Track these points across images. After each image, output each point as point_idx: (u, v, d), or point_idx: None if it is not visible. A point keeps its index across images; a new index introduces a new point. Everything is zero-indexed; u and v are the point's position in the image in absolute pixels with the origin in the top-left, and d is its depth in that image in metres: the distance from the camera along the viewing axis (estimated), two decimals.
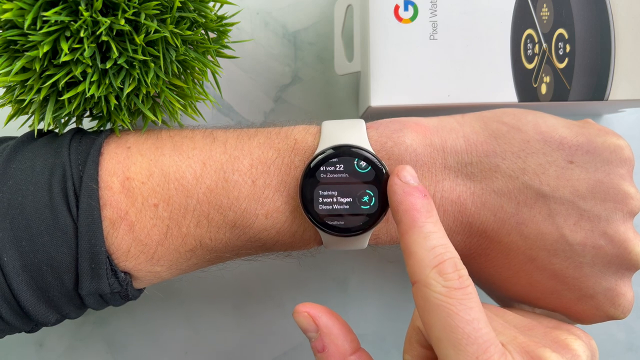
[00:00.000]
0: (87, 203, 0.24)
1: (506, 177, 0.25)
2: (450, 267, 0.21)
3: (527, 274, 0.26)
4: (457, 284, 0.20)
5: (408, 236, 0.22)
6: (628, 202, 0.25)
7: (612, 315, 0.26)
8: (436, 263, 0.21)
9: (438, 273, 0.21)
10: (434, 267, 0.21)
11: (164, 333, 0.38)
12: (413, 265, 0.21)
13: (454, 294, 0.20)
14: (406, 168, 0.24)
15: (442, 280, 0.20)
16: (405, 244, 0.22)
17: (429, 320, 0.20)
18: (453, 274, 0.21)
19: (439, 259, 0.21)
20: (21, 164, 0.25)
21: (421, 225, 0.22)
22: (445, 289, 0.20)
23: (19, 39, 0.23)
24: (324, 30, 0.38)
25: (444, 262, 0.21)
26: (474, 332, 0.20)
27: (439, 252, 0.21)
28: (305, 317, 0.24)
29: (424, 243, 0.21)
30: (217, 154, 0.26)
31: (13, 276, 0.24)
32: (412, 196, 0.23)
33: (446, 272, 0.21)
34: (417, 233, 0.22)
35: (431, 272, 0.21)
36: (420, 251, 0.21)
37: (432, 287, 0.20)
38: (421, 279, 0.21)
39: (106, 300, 0.26)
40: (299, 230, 0.26)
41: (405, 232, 0.22)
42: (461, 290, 0.20)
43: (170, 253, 0.26)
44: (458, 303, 0.20)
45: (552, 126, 0.26)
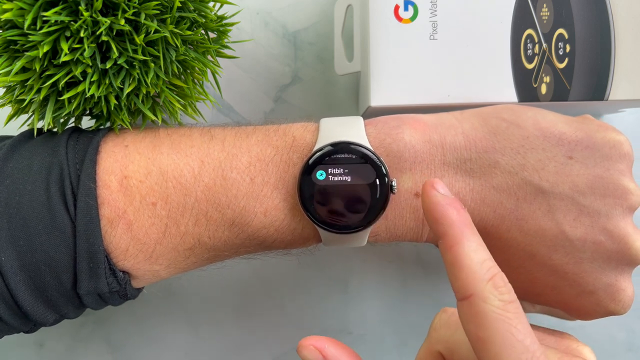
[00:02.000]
0: (85, 202, 0.24)
1: (505, 173, 0.25)
2: (501, 281, 0.20)
3: (527, 270, 0.26)
4: (510, 298, 0.20)
5: (456, 249, 0.21)
6: (628, 197, 0.25)
7: (612, 310, 0.26)
8: (489, 276, 0.20)
9: (493, 287, 0.20)
10: (488, 281, 0.20)
11: (164, 333, 0.38)
12: (465, 279, 0.20)
13: (509, 307, 0.20)
14: (438, 180, 0.23)
15: (497, 294, 0.20)
16: (454, 257, 0.21)
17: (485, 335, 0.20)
18: (505, 287, 0.20)
19: (491, 272, 0.20)
20: (18, 163, 0.25)
21: (469, 238, 0.21)
22: (502, 303, 0.20)
23: (19, 39, 0.23)
24: (324, 30, 0.38)
25: (496, 275, 0.20)
26: (532, 345, 0.19)
27: (489, 266, 0.21)
28: (311, 350, 0.23)
29: (474, 256, 0.21)
30: (215, 151, 0.26)
31: (11, 276, 0.24)
32: (455, 208, 0.22)
33: (499, 285, 0.20)
34: (467, 246, 0.21)
35: (487, 286, 0.20)
36: (473, 264, 0.21)
37: (490, 301, 0.20)
38: (477, 292, 0.20)
39: (105, 300, 0.26)
40: (298, 228, 0.26)
41: (454, 244, 0.21)
42: (514, 304, 0.20)
43: (169, 252, 0.26)
44: (514, 317, 0.19)
45: (551, 122, 0.26)
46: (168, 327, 0.38)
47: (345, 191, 0.25)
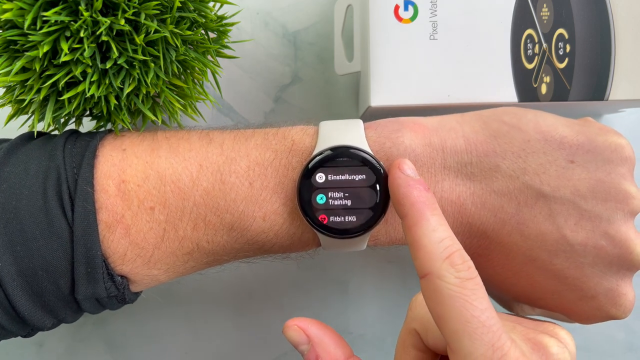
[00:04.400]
0: (83, 207, 0.24)
1: (506, 177, 0.25)
2: (459, 259, 0.21)
3: (527, 274, 0.26)
4: (468, 275, 0.20)
5: (416, 229, 0.22)
6: (629, 201, 0.25)
7: (613, 315, 0.26)
8: (446, 255, 0.21)
9: (450, 264, 0.21)
10: (445, 259, 0.21)
11: (164, 333, 0.38)
12: (422, 258, 0.21)
13: (466, 284, 0.20)
14: (406, 161, 0.24)
15: (454, 271, 0.20)
16: (413, 237, 0.22)
17: (443, 312, 0.20)
18: (463, 264, 0.21)
19: (448, 250, 0.21)
20: (15, 167, 0.25)
21: (428, 218, 0.22)
22: (458, 280, 0.20)
23: (19, 39, 0.23)
24: (324, 30, 0.38)
25: (453, 253, 0.21)
26: (488, 320, 0.20)
27: (448, 244, 0.21)
28: (295, 329, 0.24)
29: (432, 235, 0.21)
30: (214, 155, 0.26)
31: (8, 281, 0.24)
32: (416, 189, 0.23)
33: (456, 263, 0.21)
34: (425, 226, 0.22)
35: (443, 264, 0.21)
36: (430, 244, 0.21)
37: (445, 279, 0.20)
38: (433, 271, 0.21)
39: (103, 304, 0.26)
40: (297, 232, 0.26)
41: (413, 224, 0.22)
42: (472, 281, 0.20)
43: (167, 256, 0.26)
44: (471, 293, 0.20)
45: (552, 125, 0.26)
46: (168, 327, 0.38)
47: (344, 195, 0.25)
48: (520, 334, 0.22)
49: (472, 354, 0.19)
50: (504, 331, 0.20)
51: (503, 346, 0.19)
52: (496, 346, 0.19)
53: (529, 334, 0.22)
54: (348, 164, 0.25)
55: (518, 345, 0.20)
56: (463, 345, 0.20)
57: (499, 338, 0.20)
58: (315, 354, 0.24)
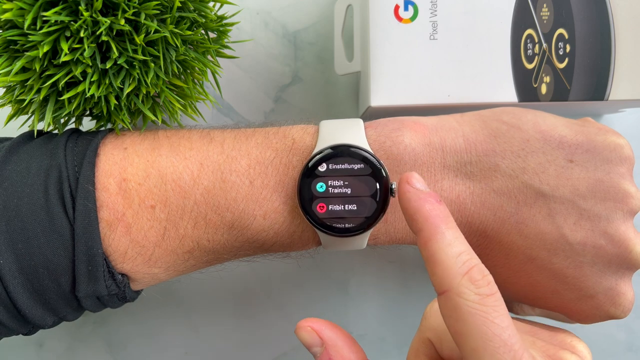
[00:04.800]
0: (84, 205, 0.24)
1: (506, 177, 0.25)
2: (479, 274, 0.20)
3: (527, 273, 0.26)
4: (488, 290, 0.20)
5: (431, 244, 0.21)
6: (628, 201, 0.25)
7: (612, 314, 0.26)
8: (465, 270, 0.20)
9: (469, 280, 0.20)
10: (464, 275, 0.20)
11: (164, 333, 0.38)
12: (440, 275, 0.20)
13: (486, 301, 0.19)
14: (414, 174, 0.23)
15: (474, 288, 0.20)
16: (429, 253, 0.21)
17: (462, 329, 0.20)
18: (482, 280, 0.20)
19: (467, 265, 0.20)
20: (16, 166, 0.25)
21: (443, 232, 0.21)
22: (478, 297, 0.19)
23: (19, 39, 0.23)
24: (324, 30, 0.38)
25: (472, 268, 0.20)
26: (510, 338, 0.19)
27: (466, 259, 0.20)
28: (308, 331, 0.23)
29: (449, 250, 0.21)
30: (215, 154, 0.26)
31: (9, 279, 0.24)
32: (428, 202, 0.22)
33: (476, 278, 0.20)
34: (441, 240, 0.21)
35: (462, 280, 0.20)
36: (447, 259, 0.20)
37: (465, 296, 0.20)
38: (452, 287, 0.20)
39: (104, 303, 0.26)
40: (298, 231, 0.26)
41: (428, 240, 0.21)
42: (493, 297, 0.20)
43: (168, 255, 0.26)
44: (492, 310, 0.19)
45: (551, 125, 0.26)
46: (168, 326, 0.38)
47: (344, 194, 0.25)
48: (540, 349, 0.22)
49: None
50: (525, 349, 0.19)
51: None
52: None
53: (550, 350, 0.22)
54: (348, 162, 0.25)
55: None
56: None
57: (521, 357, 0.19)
58: (328, 357, 0.23)
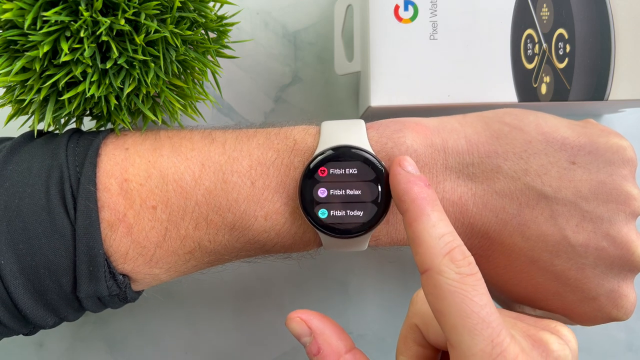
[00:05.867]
0: (85, 205, 0.24)
1: (508, 178, 0.25)
2: (460, 254, 0.21)
3: (528, 275, 0.26)
4: (469, 270, 0.21)
5: (416, 225, 0.22)
6: (631, 203, 0.25)
7: (614, 317, 0.26)
8: (447, 250, 0.21)
9: (450, 260, 0.21)
10: (445, 255, 0.21)
11: (164, 333, 0.38)
12: (423, 254, 0.21)
13: (466, 280, 0.20)
14: (407, 158, 0.24)
15: (454, 267, 0.20)
16: (414, 233, 0.22)
17: (443, 307, 0.20)
18: (463, 260, 0.21)
19: (449, 246, 0.21)
20: (18, 166, 0.25)
21: (429, 214, 0.22)
22: (459, 276, 0.20)
23: (19, 39, 0.23)
24: (324, 30, 0.38)
25: (454, 249, 0.21)
26: (488, 316, 0.20)
27: (448, 240, 0.21)
28: (297, 322, 0.24)
29: (433, 231, 0.21)
30: (216, 155, 0.26)
31: (10, 279, 0.24)
32: (417, 185, 0.23)
33: (457, 259, 0.21)
34: (426, 221, 0.22)
35: (443, 260, 0.21)
36: (430, 239, 0.21)
37: (446, 274, 0.20)
38: (434, 266, 0.21)
39: (104, 303, 0.26)
40: (299, 232, 0.26)
41: (414, 220, 0.22)
42: (473, 277, 0.20)
43: (169, 255, 0.26)
44: (471, 289, 0.20)
45: (554, 126, 0.26)
46: (168, 327, 0.38)
47: (346, 196, 0.25)
48: (521, 330, 0.22)
49: (471, 349, 0.20)
50: (503, 327, 0.20)
51: (502, 342, 0.20)
52: (495, 342, 0.19)
53: (530, 331, 0.22)
54: (350, 163, 0.25)
55: (518, 341, 0.21)
56: (463, 340, 0.20)
57: (499, 334, 0.20)
58: (317, 346, 0.24)
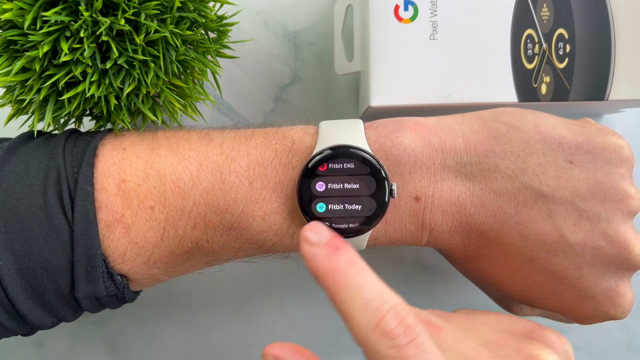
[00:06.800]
0: (83, 206, 0.24)
1: (506, 178, 0.25)
2: (392, 321, 0.19)
3: (526, 274, 0.26)
4: (405, 339, 0.19)
5: (337, 301, 0.20)
6: (628, 202, 0.25)
7: (611, 315, 0.26)
8: (376, 322, 0.19)
9: (382, 334, 0.19)
10: (375, 329, 0.19)
11: (164, 333, 0.38)
12: (354, 331, 0.19)
13: (405, 352, 0.18)
14: (309, 227, 0.22)
15: (387, 341, 0.19)
16: (339, 311, 0.20)
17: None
18: (397, 328, 0.19)
19: (377, 315, 0.19)
20: (15, 167, 0.25)
21: (345, 282, 0.20)
22: (395, 350, 0.18)
23: (19, 39, 0.23)
24: (324, 30, 0.38)
25: (384, 317, 0.19)
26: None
27: (376, 306, 0.19)
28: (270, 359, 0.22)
29: (355, 302, 0.19)
30: (214, 155, 0.26)
31: (8, 280, 0.24)
32: (323, 257, 0.21)
33: (389, 328, 0.19)
34: (345, 294, 0.20)
35: (374, 336, 0.19)
36: (355, 314, 0.19)
37: (382, 352, 0.19)
38: (367, 345, 0.19)
39: (103, 303, 0.26)
40: (297, 232, 0.26)
41: (333, 298, 0.20)
42: (411, 345, 0.19)
43: (167, 255, 0.26)
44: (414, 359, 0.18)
45: (551, 126, 0.26)
46: (168, 327, 0.38)
47: (344, 195, 0.25)
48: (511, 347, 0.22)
49: None
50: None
51: None
52: None
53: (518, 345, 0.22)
54: (348, 163, 0.25)
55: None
56: None
57: None
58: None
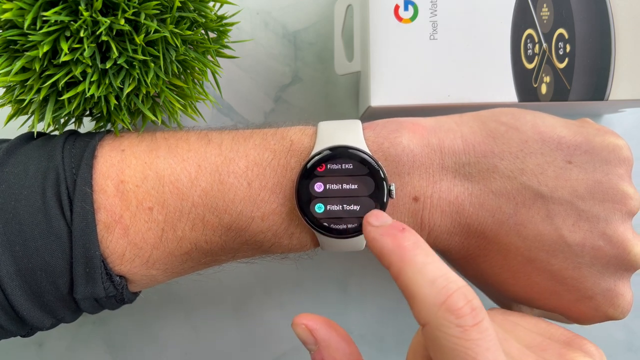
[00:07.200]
0: (81, 207, 0.24)
1: (504, 178, 0.25)
2: (460, 300, 0.18)
3: (525, 274, 0.26)
4: (471, 320, 0.18)
5: (402, 277, 0.20)
6: (627, 202, 0.25)
7: (611, 315, 0.26)
8: (443, 298, 0.18)
9: (448, 311, 0.18)
10: (441, 305, 0.18)
11: (164, 333, 0.38)
12: (418, 306, 0.19)
13: (469, 334, 0.18)
14: (373, 212, 0.23)
15: (454, 319, 0.18)
16: (403, 287, 0.20)
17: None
18: (465, 307, 0.18)
19: (444, 292, 0.19)
20: (14, 168, 0.25)
21: (411, 259, 0.20)
22: (459, 329, 0.18)
23: (19, 39, 0.23)
24: (324, 30, 0.38)
25: (452, 295, 0.18)
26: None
27: (442, 285, 0.19)
28: (303, 329, 0.23)
29: (421, 279, 0.19)
30: (212, 156, 0.26)
31: (7, 281, 0.24)
32: (389, 235, 0.21)
33: (457, 306, 0.18)
34: (411, 270, 0.19)
35: (439, 312, 0.18)
36: (421, 289, 0.19)
37: (445, 329, 0.18)
38: (430, 320, 0.18)
39: (101, 304, 0.26)
40: (296, 232, 0.26)
41: (399, 273, 0.20)
42: (476, 328, 0.18)
43: (166, 256, 0.26)
44: (475, 345, 0.18)
45: (550, 126, 0.26)
46: (168, 327, 0.38)
47: (343, 195, 0.25)
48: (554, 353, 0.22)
49: None
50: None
51: None
52: None
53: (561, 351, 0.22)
54: (346, 163, 0.25)
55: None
56: None
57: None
58: (321, 357, 0.23)
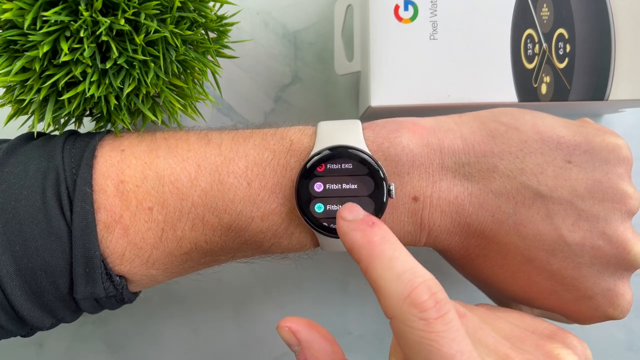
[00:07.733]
0: (81, 207, 0.24)
1: (504, 178, 0.25)
2: (424, 293, 0.19)
3: (525, 274, 0.26)
4: (435, 313, 0.18)
5: (370, 271, 0.20)
6: (626, 201, 0.25)
7: (610, 315, 0.26)
8: (408, 292, 0.19)
9: (412, 304, 0.19)
10: (405, 298, 0.19)
11: (164, 333, 0.38)
12: (384, 301, 0.19)
13: (433, 327, 0.18)
14: (345, 207, 0.23)
15: (417, 312, 0.18)
16: (372, 281, 0.20)
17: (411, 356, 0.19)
18: (429, 301, 0.19)
19: (409, 285, 0.19)
20: (14, 168, 0.25)
21: (379, 255, 0.20)
22: (423, 322, 0.18)
23: (19, 39, 0.23)
24: (324, 30, 0.38)
25: (416, 288, 0.19)
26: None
27: (408, 279, 0.19)
28: (286, 332, 0.24)
29: (387, 274, 0.20)
30: (212, 156, 0.26)
31: (7, 281, 0.24)
32: (359, 230, 0.22)
33: (420, 300, 0.19)
34: (379, 264, 0.20)
35: (403, 305, 0.19)
36: (387, 284, 0.19)
37: (409, 322, 0.18)
38: (396, 314, 0.19)
39: (101, 304, 0.26)
40: (295, 232, 0.26)
41: (367, 268, 0.20)
42: (440, 320, 0.18)
43: (165, 256, 0.26)
44: (439, 337, 0.18)
45: (550, 126, 0.26)
46: (168, 327, 0.38)
47: (342, 195, 0.25)
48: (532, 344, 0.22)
49: None
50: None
51: None
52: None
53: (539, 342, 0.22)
54: (346, 163, 0.25)
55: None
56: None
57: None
58: (304, 358, 0.23)
